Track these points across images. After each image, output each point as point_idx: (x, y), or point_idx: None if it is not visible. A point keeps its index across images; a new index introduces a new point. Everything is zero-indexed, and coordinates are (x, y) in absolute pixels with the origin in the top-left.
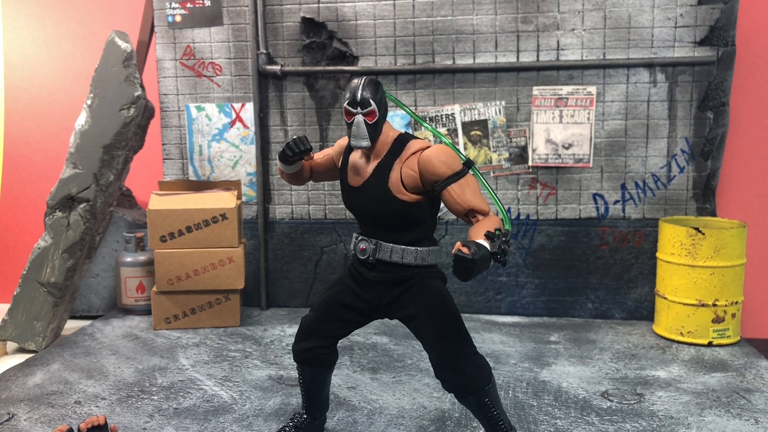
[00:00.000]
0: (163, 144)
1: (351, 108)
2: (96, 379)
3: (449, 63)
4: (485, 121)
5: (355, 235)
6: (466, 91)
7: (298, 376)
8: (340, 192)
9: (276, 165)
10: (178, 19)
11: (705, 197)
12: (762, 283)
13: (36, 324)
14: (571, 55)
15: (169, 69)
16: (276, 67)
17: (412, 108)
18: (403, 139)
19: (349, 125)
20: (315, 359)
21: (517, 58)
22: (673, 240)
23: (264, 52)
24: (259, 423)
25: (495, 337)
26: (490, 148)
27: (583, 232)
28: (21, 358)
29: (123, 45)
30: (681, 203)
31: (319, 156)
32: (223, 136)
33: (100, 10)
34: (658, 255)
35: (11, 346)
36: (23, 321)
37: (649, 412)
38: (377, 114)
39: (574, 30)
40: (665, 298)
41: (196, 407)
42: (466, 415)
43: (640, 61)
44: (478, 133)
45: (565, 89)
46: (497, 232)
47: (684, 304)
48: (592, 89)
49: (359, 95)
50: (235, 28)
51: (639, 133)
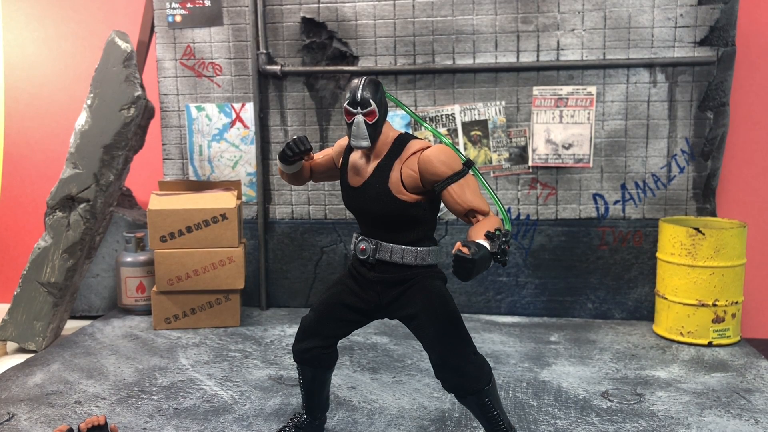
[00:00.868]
0: (163, 144)
1: (351, 108)
2: (96, 379)
3: (449, 63)
4: (485, 121)
5: (355, 235)
6: (466, 91)
7: (298, 376)
8: (340, 192)
9: (276, 165)
10: (178, 19)
11: (705, 197)
12: (762, 283)
13: (36, 324)
14: (571, 55)
15: (169, 69)
16: (276, 67)
17: (412, 108)
18: (403, 140)
19: (349, 125)
20: (315, 359)
21: (517, 58)
22: (673, 240)
23: (264, 52)
24: (259, 423)
25: (495, 337)
26: (490, 148)
27: (583, 232)
28: (21, 358)
29: (123, 45)
30: (681, 203)
31: (319, 156)
32: (223, 136)
33: (100, 10)
34: (658, 255)
35: (11, 346)
36: (23, 321)
37: (649, 413)
38: (377, 114)
39: (574, 30)
40: (665, 298)
41: (196, 407)
42: (466, 415)
43: (640, 61)
44: (478, 133)
45: (565, 89)
46: (497, 232)
47: (684, 304)
48: (592, 89)
49: (359, 95)
50: (235, 28)
51: (639, 133)
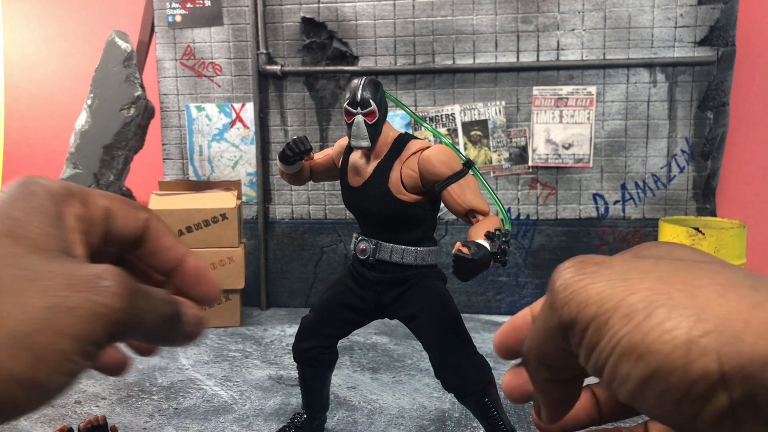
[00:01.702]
0: (163, 144)
1: (351, 108)
2: (96, 379)
3: (449, 63)
4: (485, 121)
5: (355, 235)
6: (466, 91)
7: (298, 376)
8: (340, 192)
9: (276, 165)
10: (178, 19)
11: (705, 197)
12: None
13: None
14: (571, 55)
15: (169, 69)
16: (276, 67)
17: (412, 108)
18: (403, 140)
19: (349, 125)
20: (315, 359)
21: (517, 58)
22: (673, 240)
23: (264, 52)
24: (259, 423)
25: None
26: (490, 148)
27: (583, 232)
28: None
29: (123, 45)
30: (681, 203)
31: (319, 156)
32: (223, 136)
33: (100, 10)
34: None
35: None
36: None
37: None
38: (377, 114)
39: (574, 30)
40: None
41: (196, 407)
42: (466, 415)
43: (640, 61)
44: (478, 133)
45: (565, 89)
46: (497, 233)
47: None
48: (592, 89)
49: (359, 95)
50: (235, 28)
51: (639, 133)
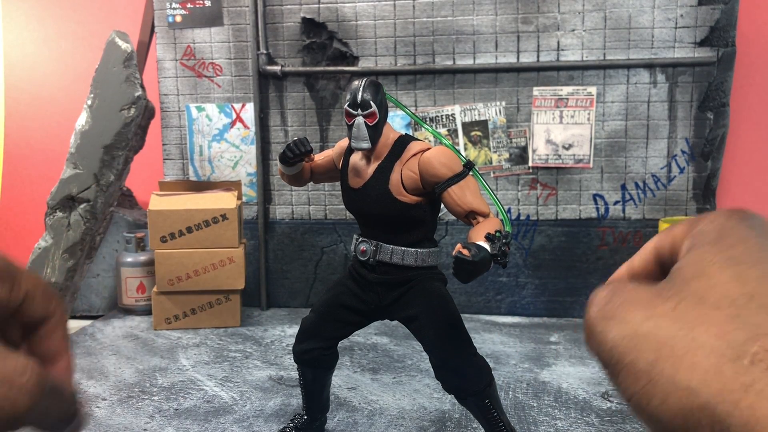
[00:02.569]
0: (163, 144)
1: (351, 110)
2: (96, 380)
3: (449, 63)
4: (485, 122)
5: (355, 236)
6: (467, 91)
7: (298, 377)
8: (341, 193)
9: (276, 165)
10: (179, 19)
11: (705, 198)
12: None
13: None
14: (571, 56)
15: (170, 69)
16: (276, 68)
17: (412, 108)
18: (403, 141)
19: (350, 127)
20: (315, 360)
21: (518, 58)
22: None
23: (264, 52)
24: (260, 424)
25: (495, 338)
26: (490, 149)
27: (583, 233)
28: None
29: (123, 45)
30: (681, 204)
31: (319, 157)
32: (224, 137)
33: (100, 10)
34: None
35: None
36: None
37: None
38: (378, 116)
39: (574, 30)
40: None
41: (197, 408)
42: (466, 416)
43: (640, 62)
44: (479, 133)
45: (565, 90)
46: (497, 234)
47: None
48: (593, 90)
49: (360, 97)
50: (235, 28)
51: (639, 134)
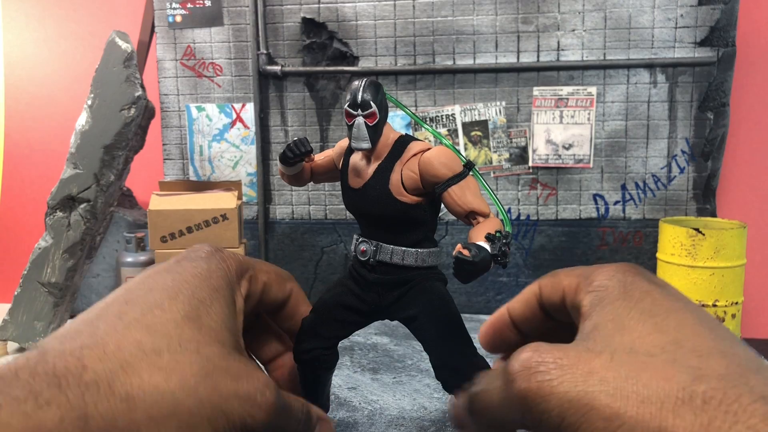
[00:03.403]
0: (163, 144)
1: (351, 110)
2: None
3: (449, 63)
4: (485, 122)
5: (355, 236)
6: (467, 91)
7: (298, 377)
8: (341, 193)
9: (276, 165)
10: (179, 19)
11: (705, 198)
12: (762, 283)
13: (37, 324)
14: (571, 56)
15: (170, 69)
16: (276, 68)
17: (413, 108)
18: (403, 141)
19: (350, 127)
20: (315, 360)
21: (518, 58)
22: (673, 240)
23: (264, 52)
24: None
25: None
26: (490, 149)
27: (583, 233)
28: None
29: (123, 45)
30: (681, 204)
31: (319, 157)
32: (224, 137)
33: (100, 10)
34: (658, 255)
35: (12, 346)
36: (24, 321)
37: None
38: (378, 116)
39: (574, 30)
40: None
41: None
42: None
43: (640, 62)
44: (479, 133)
45: (565, 90)
46: (498, 234)
47: None
48: (593, 90)
49: (360, 97)
50: (235, 28)
51: (639, 134)
